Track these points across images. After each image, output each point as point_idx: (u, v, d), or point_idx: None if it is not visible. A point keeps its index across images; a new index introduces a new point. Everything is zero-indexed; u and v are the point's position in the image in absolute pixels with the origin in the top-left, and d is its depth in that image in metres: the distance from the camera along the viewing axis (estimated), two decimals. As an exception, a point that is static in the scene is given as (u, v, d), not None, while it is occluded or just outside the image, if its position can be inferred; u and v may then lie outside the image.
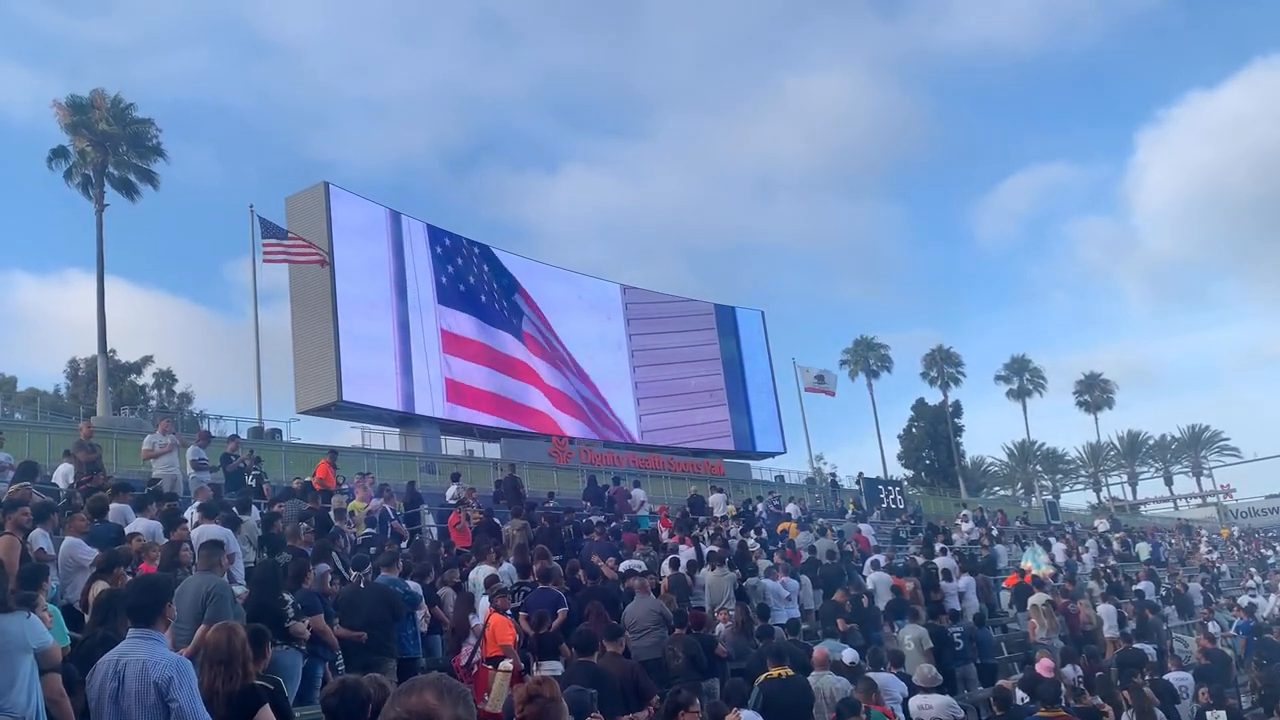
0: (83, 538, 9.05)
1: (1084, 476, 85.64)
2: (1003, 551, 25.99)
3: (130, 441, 21.54)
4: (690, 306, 50.63)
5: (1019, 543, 28.69)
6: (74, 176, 36.21)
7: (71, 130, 35.76)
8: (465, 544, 15.67)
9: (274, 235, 29.83)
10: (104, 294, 35.46)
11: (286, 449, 27.36)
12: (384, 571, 10.26)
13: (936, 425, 71.32)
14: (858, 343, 68.39)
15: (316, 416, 34.93)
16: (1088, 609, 18.55)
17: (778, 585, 15.16)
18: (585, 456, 37.39)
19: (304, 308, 34.90)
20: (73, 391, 52.57)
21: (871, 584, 16.93)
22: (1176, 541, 40.06)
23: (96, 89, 36.66)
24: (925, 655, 12.65)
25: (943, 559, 19.60)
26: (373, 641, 9.21)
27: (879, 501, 36.83)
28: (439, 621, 11.24)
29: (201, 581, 7.32)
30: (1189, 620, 22.18)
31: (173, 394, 56.65)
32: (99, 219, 35.74)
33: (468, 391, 38.07)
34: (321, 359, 33.98)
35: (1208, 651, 15.92)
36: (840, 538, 22.87)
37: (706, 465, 43.06)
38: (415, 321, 36.86)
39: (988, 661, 15.25)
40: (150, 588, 5.04)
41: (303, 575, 8.89)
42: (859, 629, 14.32)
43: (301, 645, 8.10)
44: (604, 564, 14.19)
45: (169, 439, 15.81)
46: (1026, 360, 76.85)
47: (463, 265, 40.49)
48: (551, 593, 11.04)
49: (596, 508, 22.40)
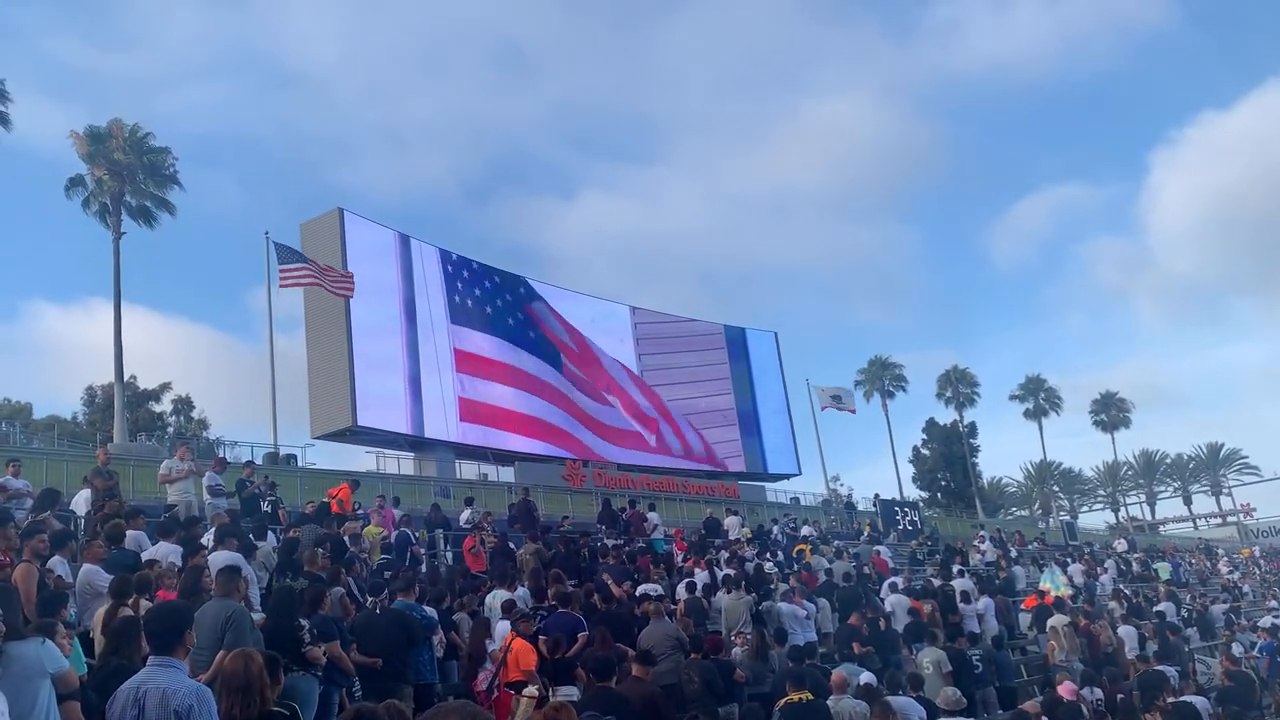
0: (100, 565, 9.09)
1: (1102, 496, 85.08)
2: (1021, 573, 25.79)
3: (147, 468, 21.65)
4: (699, 327, 50.72)
5: (1037, 564, 28.48)
6: (91, 205, 36.55)
7: (89, 160, 36.14)
8: (480, 568, 15.66)
9: (290, 260, 29.98)
10: (121, 321, 35.73)
11: (302, 474, 27.41)
12: (400, 597, 10.26)
13: (950, 446, 70.97)
14: (872, 363, 68.22)
15: (331, 441, 35.08)
16: (1108, 631, 18.36)
17: (794, 608, 15.07)
18: (599, 479, 37.35)
19: (319, 333, 35.12)
20: (90, 418, 52.84)
21: (889, 606, 16.80)
22: (1197, 562, 39.71)
23: (114, 119, 37.08)
24: (944, 678, 12.54)
25: (960, 581, 19.47)
26: (389, 667, 9.20)
27: (895, 523, 36.63)
28: (455, 647, 11.21)
29: (220, 608, 7.33)
30: (1211, 641, 21.93)
31: (190, 420, 56.87)
32: (116, 247, 36.04)
33: (484, 409, 38.17)
34: (336, 384, 34.14)
35: (1231, 673, 15.69)
36: (856, 560, 22.74)
37: (721, 488, 42.92)
38: (426, 343, 37.05)
39: (1007, 684, 15.10)
40: (171, 615, 5.04)
41: (319, 601, 8.90)
42: (876, 652, 14.21)
43: (318, 671, 8.09)
44: (615, 587, 14.14)
45: (186, 465, 15.89)
46: (1042, 380, 76.49)
47: (480, 289, 40.81)
48: (570, 617, 11.00)
49: (611, 531, 22.35)
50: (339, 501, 17.67)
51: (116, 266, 35.92)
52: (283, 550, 12.34)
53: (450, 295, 39.07)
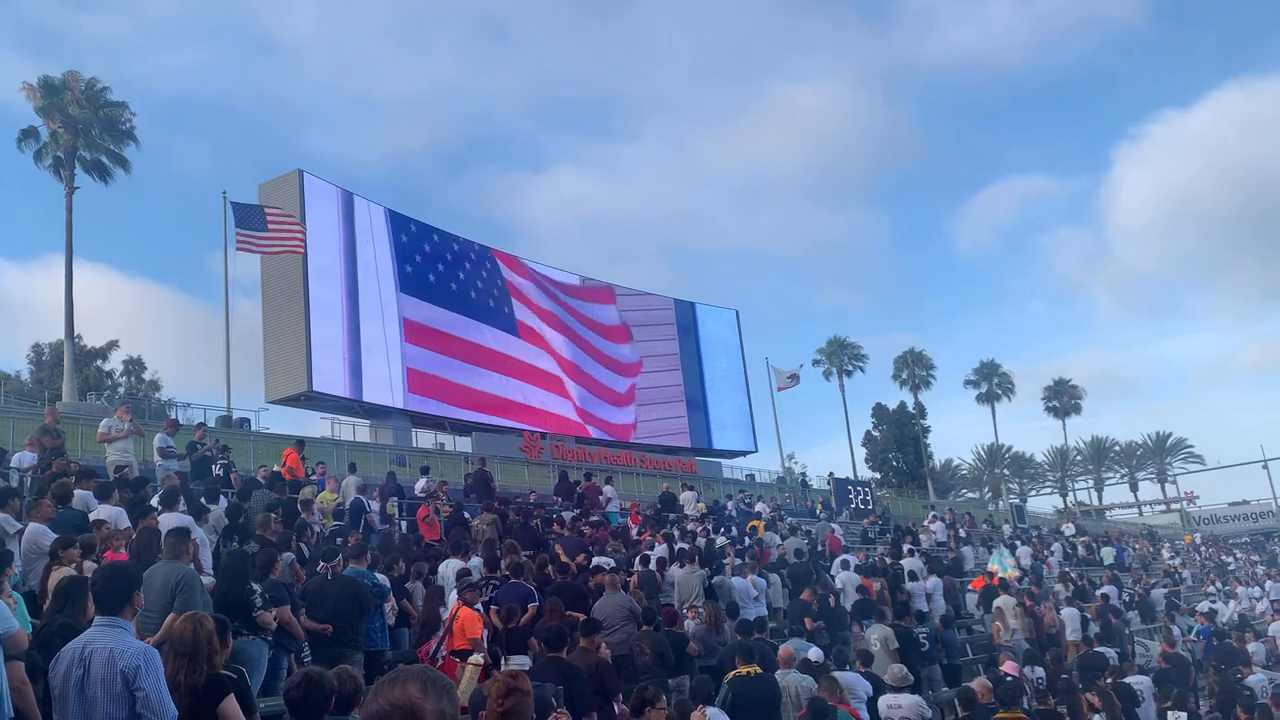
0: (47, 524, 8.95)
1: (1051, 481, 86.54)
2: (969, 553, 26.23)
3: (96, 427, 21.28)
4: (650, 301, 50.34)
5: (986, 545, 28.95)
6: (44, 158, 35.73)
7: (43, 112, 35.29)
8: (434, 537, 15.62)
9: (248, 223, 29.44)
10: (72, 278, 35.02)
11: (255, 438, 27.12)
12: (352, 564, 10.20)
13: (903, 427, 71.76)
14: (831, 342, 68.80)
15: (286, 406, 34.64)
16: (1052, 612, 18.74)
17: (746, 583, 15.21)
18: (557, 452, 37.34)
19: (275, 296, 34.58)
20: (36, 376, 51.85)
21: (840, 584, 17.02)
22: (1140, 547, 40.59)
23: (70, 70, 36.23)
24: (891, 655, 12.74)
25: (910, 560, 19.74)
26: (339, 634, 9.16)
27: (848, 502, 37.03)
28: (407, 614, 11.19)
29: (170, 570, 7.24)
30: (1151, 625, 22.47)
31: (141, 380, 55.99)
32: (69, 202, 35.27)
33: (433, 382, 37.65)
34: (292, 348, 33.69)
35: (1168, 655, 16.12)
36: (809, 537, 22.97)
37: (678, 463, 43.12)
38: (371, 308, 36.22)
39: (953, 662, 15.38)
40: (119, 575, 4.98)
41: (270, 565, 8.84)
42: (826, 628, 14.40)
43: (267, 636, 8.05)
44: (562, 556, 14.20)
45: (126, 425, 15.63)
46: (996, 365, 77.65)
47: (435, 256, 40.15)
48: (522, 587, 11.01)
49: (567, 503, 22.38)
50: (289, 469, 17.52)
51: (69, 222, 35.19)
52: (230, 515, 12.20)
53: (401, 261, 38.29)
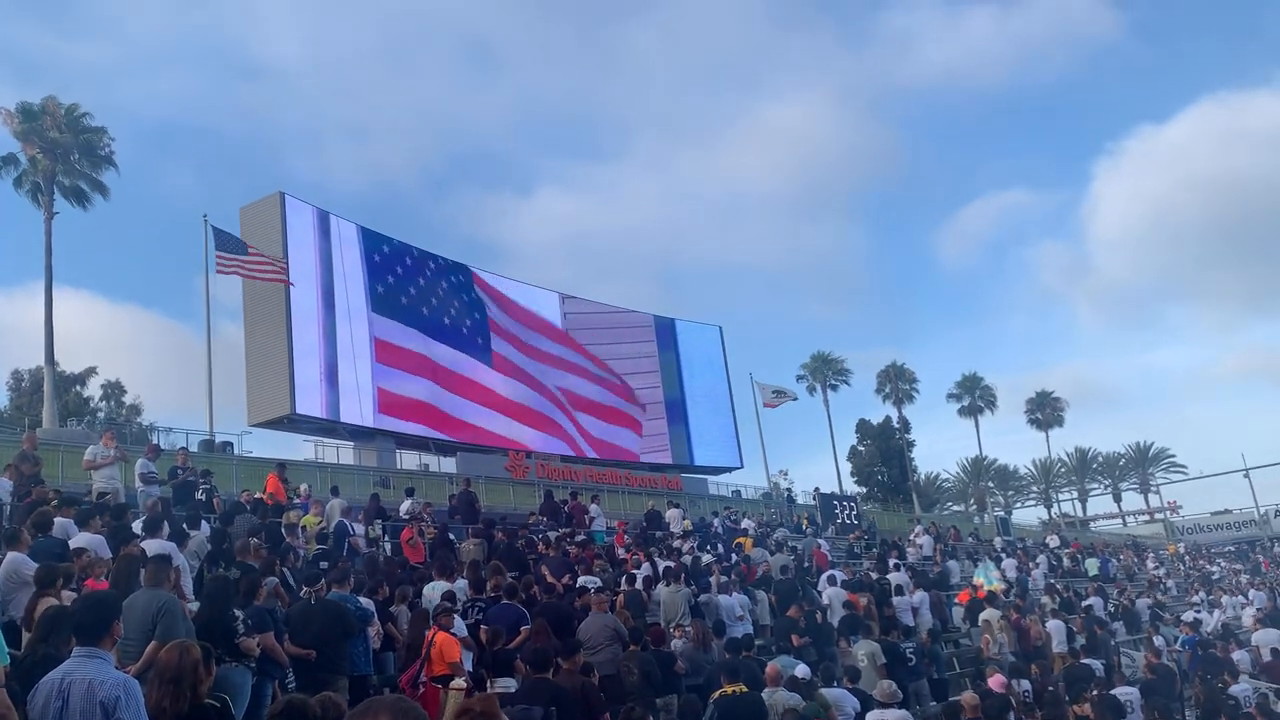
0: (26, 552, 8.85)
1: (1035, 493, 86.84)
2: (955, 567, 26.25)
3: (77, 453, 21.11)
4: (630, 318, 50.27)
5: (971, 558, 29.00)
6: (23, 184, 35.57)
7: (22, 137, 35.15)
8: (419, 560, 15.55)
9: (228, 247, 29.40)
10: (52, 304, 34.84)
11: (238, 462, 26.95)
12: (336, 588, 10.14)
13: (887, 442, 71.98)
14: (815, 358, 69.02)
15: (269, 429, 34.44)
16: (1038, 625, 18.78)
17: (733, 601, 15.19)
18: (542, 471, 37.22)
19: (257, 318, 34.45)
20: (16, 402, 51.44)
21: (827, 599, 17.01)
22: (1125, 558, 40.75)
23: (49, 96, 36.12)
24: (879, 671, 12.72)
25: (896, 574, 19.76)
26: (324, 659, 9.09)
27: (834, 517, 37.05)
28: (392, 639, 11.12)
29: (151, 598, 7.18)
30: (1136, 635, 22.53)
31: (122, 405, 55.62)
32: (48, 228, 35.12)
33: (403, 403, 37.28)
34: (274, 371, 33.54)
35: (1154, 666, 16.17)
36: (795, 553, 22.97)
37: (664, 480, 43.05)
38: (345, 328, 36.02)
39: (941, 677, 15.37)
40: (98, 605, 4.94)
41: (254, 591, 8.78)
42: (813, 645, 14.38)
43: (251, 662, 7.98)
44: (552, 578, 14.15)
45: (111, 451, 15.54)
46: (979, 378, 78.06)
47: (410, 275, 39.90)
48: (514, 609, 10.98)
49: (553, 523, 22.30)
50: (270, 495, 17.42)
51: (48, 248, 35.01)
52: (213, 540, 12.12)
53: (373, 281, 37.95)
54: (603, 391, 46.96)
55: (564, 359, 45.66)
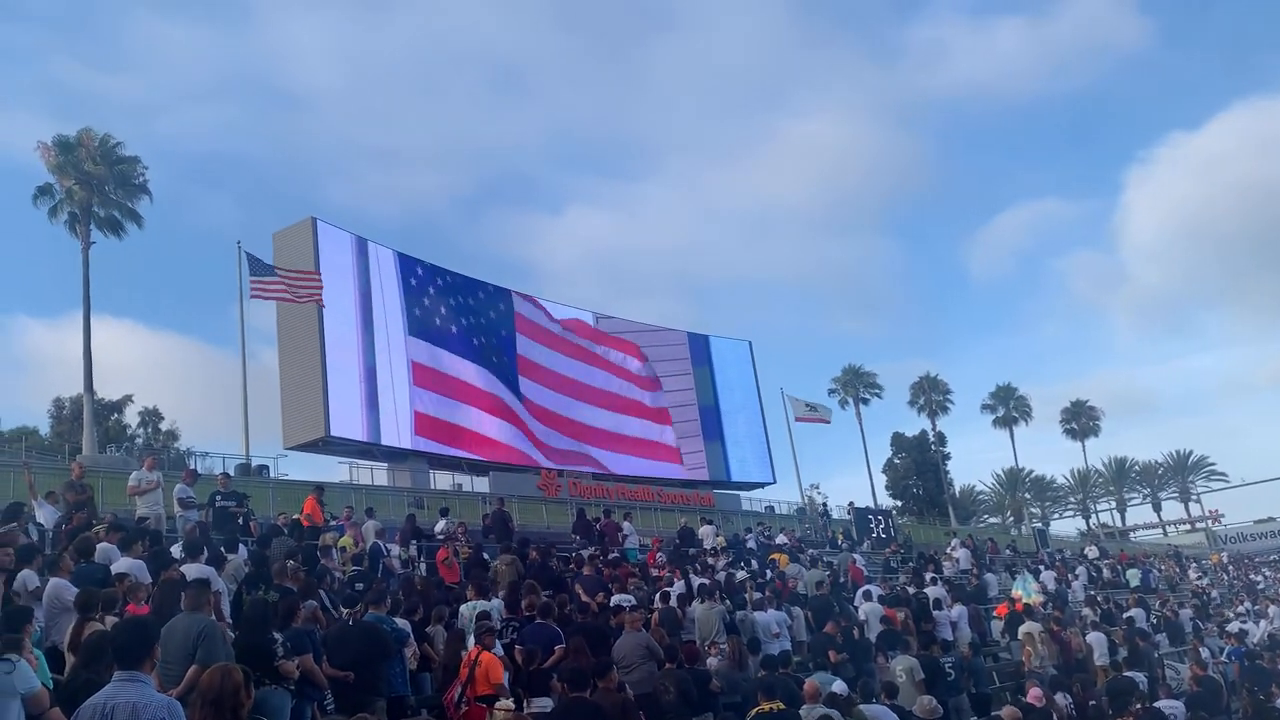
0: (68, 578, 8.98)
1: (1073, 503, 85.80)
2: (993, 580, 25.96)
3: (117, 479, 21.39)
4: (663, 336, 50.36)
5: (1009, 571, 28.67)
6: (59, 214, 36.19)
7: (58, 170, 35.79)
8: (454, 580, 15.59)
9: (262, 273, 29.80)
10: (90, 332, 35.41)
11: (274, 485, 27.17)
12: (372, 609, 10.20)
13: (922, 454, 71.40)
14: (846, 371, 68.58)
15: (304, 452, 34.76)
16: (1079, 637, 18.53)
17: (768, 618, 15.10)
18: (574, 489, 37.24)
19: (291, 343, 34.81)
20: (56, 430, 52.19)
21: (864, 615, 16.88)
22: (1166, 568, 40.11)
23: (84, 128, 36.76)
24: (917, 686, 12.60)
25: (933, 589, 19.60)
26: (361, 680, 9.12)
27: (869, 531, 36.77)
28: (428, 659, 11.16)
29: (191, 622, 7.25)
30: (1180, 647, 22.15)
31: (159, 431, 56.29)
32: (85, 257, 35.70)
33: (438, 425, 37.64)
34: (309, 394, 33.85)
35: (1199, 679, 15.90)
36: (830, 569, 22.81)
37: (696, 497, 42.93)
38: (384, 352, 36.44)
39: (981, 691, 15.20)
40: (137, 629, 5.00)
41: (292, 614, 8.84)
42: (850, 661, 14.27)
43: (290, 685, 8.03)
44: (587, 597, 14.15)
45: (155, 476, 15.74)
46: (1012, 389, 77.22)
47: (445, 298, 40.33)
48: (548, 628, 10.98)
49: (585, 541, 22.29)
50: (307, 517, 17.54)
51: (86, 277, 35.61)
52: (251, 563, 12.23)
53: (409, 305, 38.42)
54: (636, 402, 47.00)
55: (596, 379, 45.79)
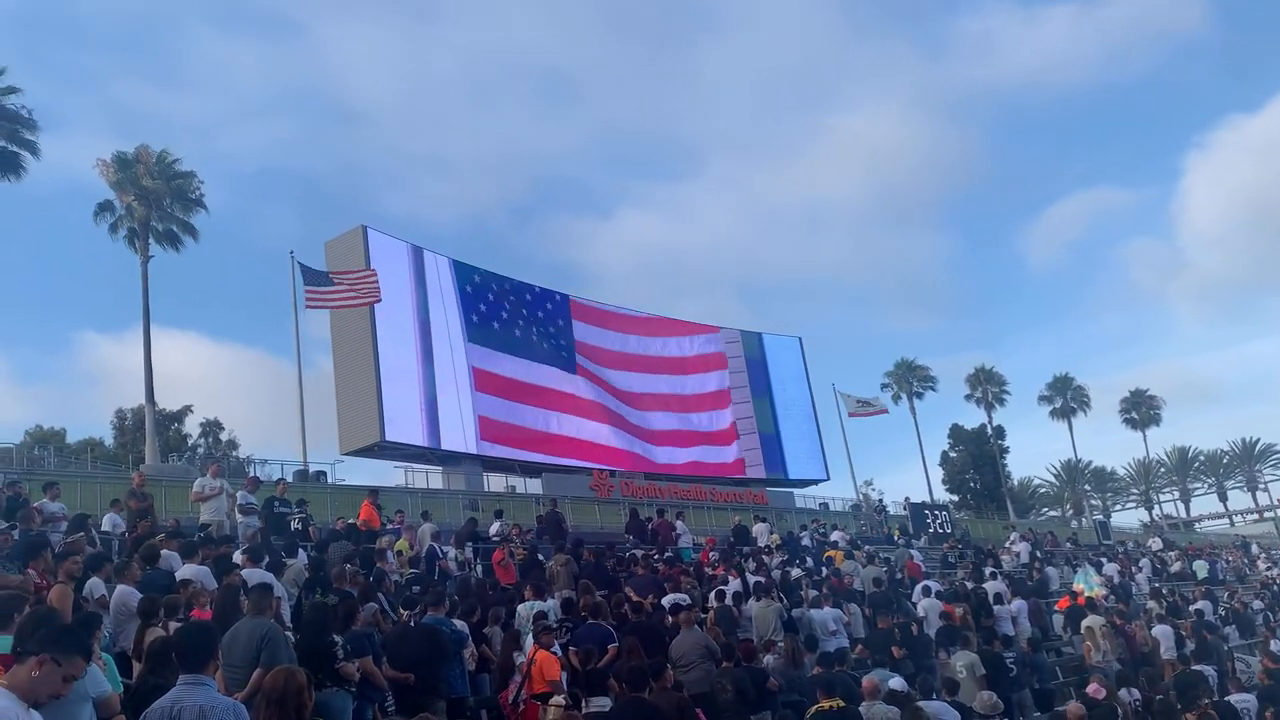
0: (134, 585, 9.19)
1: (1135, 495, 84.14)
2: (1054, 574, 25.56)
3: (178, 488, 21.85)
4: (716, 335, 50.28)
5: (1070, 564, 28.20)
6: (119, 230, 37.00)
7: (118, 186, 36.59)
8: (510, 580, 15.70)
9: (316, 282, 30.30)
10: (150, 344, 36.11)
11: (332, 491, 27.57)
12: (430, 611, 10.30)
13: (979, 447, 70.46)
14: (899, 365, 67.62)
15: (360, 457, 35.27)
16: (1144, 631, 18.17)
17: (825, 615, 15.01)
18: (627, 489, 37.29)
19: (346, 350, 35.35)
20: (120, 441, 53.43)
21: (922, 611, 16.70)
22: (1234, 559, 39.13)
23: (142, 145, 37.57)
24: (979, 682, 12.45)
25: (993, 583, 19.35)
26: (421, 682, 9.22)
27: (925, 526, 36.38)
28: (486, 660, 11.24)
29: (254, 626, 7.39)
30: (1250, 640, 21.64)
31: (219, 440, 57.39)
32: (144, 271, 36.46)
33: (503, 428, 38.10)
34: (364, 400, 34.34)
35: (1271, 672, 15.48)
36: (887, 565, 22.60)
37: (749, 495, 42.76)
38: (442, 358, 36.92)
39: (1044, 687, 14.99)
40: (199, 633, 5.11)
41: (352, 616, 8.95)
42: (909, 657, 14.12)
43: (351, 687, 8.13)
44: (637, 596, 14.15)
45: (219, 483, 16.08)
46: (1070, 379, 75.67)
47: (501, 304, 40.73)
48: (601, 628, 11.02)
49: (639, 541, 22.33)
50: (364, 522, 17.78)
51: (145, 291, 36.32)
52: (310, 568, 12.42)
53: (467, 311, 38.92)
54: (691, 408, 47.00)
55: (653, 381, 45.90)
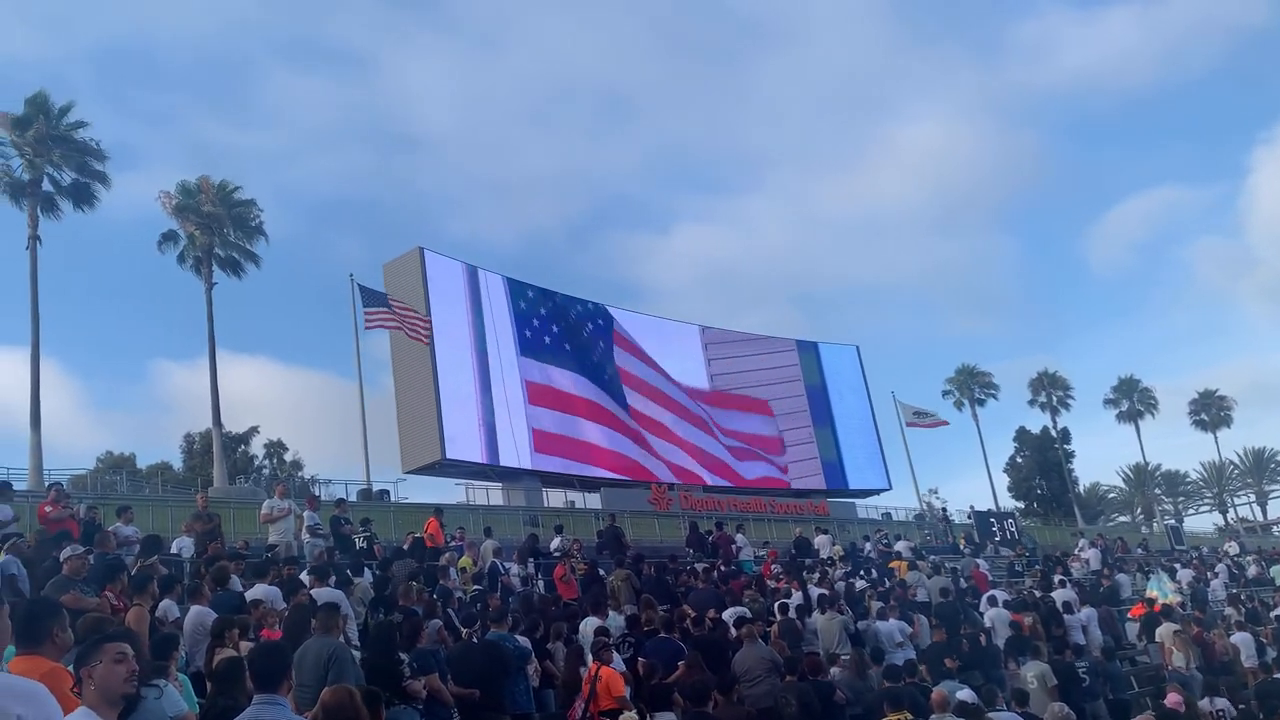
0: (207, 605, 9.37)
1: (1208, 498, 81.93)
2: (1126, 581, 24.95)
3: (247, 509, 22.28)
4: (771, 344, 50.03)
5: (1142, 571, 27.54)
6: (185, 259, 37.93)
7: (179, 214, 37.54)
8: (572, 596, 15.73)
9: (374, 302, 30.85)
10: (216, 369, 36.97)
11: (395, 509, 27.91)
12: (493, 627, 10.36)
13: (1045, 453, 69.16)
14: (960, 371, 66.63)
15: (422, 475, 35.68)
16: (1223, 638, 17.66)
17: (890, 627, 14.81)
18: (685, 503, 37.19)
19: (406, 370, 35.84)
20: (188, 464, 54.60)
21: (990, 621, 16.41)
22: (1315, 562, 37.88)
23: (202, 175, 38.54)
24: (1050, 693, 12.19)
25: (1062, 591, 18.95)
26: (486, 698, 9.27)
27: (991, 535, 35.77)
28: (550, 676, 11.27)
29: (322, 645, 7.49)
30: (1336, 646, 20.90)
31: (283, 461, 58.38)
32: (209, 298, 37.33)
33: (553, 441, 38.22)
34: (424, 418, 34.75)
35: (1357, 678, 14.97)
36: (954, 575, 22.25)
37: (810, 506, 42.39)
38: (496, 375, 37.25)
39: (1119, 697, 14.63)
40: (274, 653, 5.19)
41: (417, 634, 9.04)
42: (977, 668, 13.87)
43: (418, 705, 8.21)
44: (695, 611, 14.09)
45: (286, 504, 16.35)
46: (1136, 381, 74.00)
47: (552, 320, 40.99)
48: (672, 643, 11.00)
49: (699, 554, 22.26)
50: (430, 536, 17.95)
51: (209, 316, 37.21)
52: (376, 586, 12.57)
53: (520, 327, 39.23)
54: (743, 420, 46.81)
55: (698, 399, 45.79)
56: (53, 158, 32.86)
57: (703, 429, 44.88)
